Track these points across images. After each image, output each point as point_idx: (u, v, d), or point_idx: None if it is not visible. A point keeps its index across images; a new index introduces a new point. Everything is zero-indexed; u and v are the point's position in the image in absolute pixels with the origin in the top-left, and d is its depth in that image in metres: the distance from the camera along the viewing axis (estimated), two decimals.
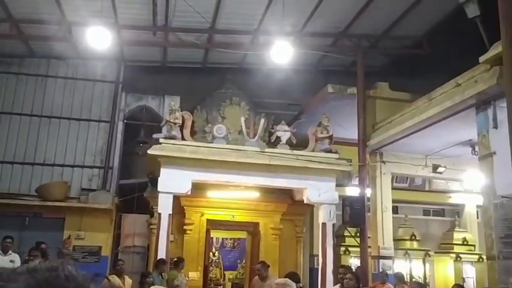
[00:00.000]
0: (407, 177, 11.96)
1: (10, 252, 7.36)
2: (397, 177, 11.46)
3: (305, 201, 9.67)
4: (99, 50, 9.11)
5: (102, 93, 11.78)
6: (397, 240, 11.33)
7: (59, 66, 11.72)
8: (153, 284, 6.78)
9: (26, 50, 11.24)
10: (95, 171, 11.25)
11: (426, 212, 13.65)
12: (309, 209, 11.19)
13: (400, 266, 10.77)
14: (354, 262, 11.19)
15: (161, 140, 9.14)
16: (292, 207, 11.08)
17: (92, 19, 8.76)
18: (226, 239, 15.61)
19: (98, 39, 8.44)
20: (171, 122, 9.33)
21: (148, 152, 9.02)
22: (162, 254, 8.43)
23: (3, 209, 10.11)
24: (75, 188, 10.98)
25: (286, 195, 11.08)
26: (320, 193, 9.39)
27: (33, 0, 9.22)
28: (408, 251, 11.48)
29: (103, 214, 10.64)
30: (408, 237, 11.86)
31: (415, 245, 11.87)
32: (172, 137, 9.22)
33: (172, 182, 8.92)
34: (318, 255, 9.78)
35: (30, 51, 11.30)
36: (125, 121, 11.93)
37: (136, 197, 11.27)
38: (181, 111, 9.58)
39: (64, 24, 9.81)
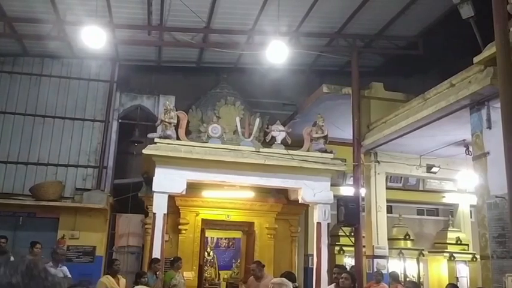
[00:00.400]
0: (401, 177, 12.02)
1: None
2: (391, 176, 11.51)
3: (300, 201, 9.68)
4: (94, 49, 9.07)
5: (96, 93, 11.72)
6: (391, 239, 11.39)
7: (53, 65, 11.65)
8: (147, 284, 6.76)
9: (20, 48, 11.18)
10: (89, 170, 11.20)
11: (420, 212, 13.72)
12: (304, 209, 11.23)
13: (394, 265, 10.81)
14: (348, 261, 11.23)
15: (156, 140, 9.12)
16: (287, 207, 11.10)
17: (86, 18, 8.73)
18: (221, 238, 15.61)
19: (93, 38, 8.40)
20: (166, 122, 9.30)
21: (143, 151, 8.99)
22: (157, 254, 8.42)
23: None
24: (70, 188, 10.93)
25: (281, 195, 11.10)
26: (315, 193, 9.41)
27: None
28: (402, 251, 11.53)
29: (97, 214, 10.60)
30: (402, 237, 11.92)
31: (409, 244, 11.93)
32: (167, 137, 9.20)
33: (167, 181, 8.90)
34: (312, 255, 9.80)
35: (24, 50, 11.24)
36: (120, 120, 11.89)
37: (131, 197, 11.23)
38: (176, 110, 9.56)
39: (58, 23, 9.76)
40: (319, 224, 9.38)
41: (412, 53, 10.77)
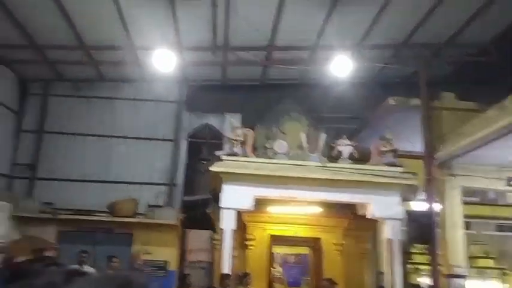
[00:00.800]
0: (479, 191, 11.31)
1: (86, 266, 7.74)
2: (467, 190, 10.87)
3: (369, 216, 9.42)
4: (163, 71, 9.52)
5: (166, 113, 12.28)
6: (469, 258, 10.69)
7: (126, 88, 12.37)
8: None
9: (96, 74, 11.97)
10: (161, 188, 11.69)
11: (501, 228, 12.79)
12: (374, 224, 10.89)
13: (474, 285, 10.14)
14: (422, 280, 10.70)
15: (223, 157, 9.32)
16: (355, 222, 10.82)
17: (156, 42, 9.20)
18: (289, 254, 15.50)
19: (163, 61, 8.85)
20: (232, 139, 9.51)
21: (211, 169, 9.21)
22: (225, 269, 8.53)
23: (78, 224, 10.74)
24: (143, 205, 11.43)
25: (348, 210, 10.84)
26: (384, 208, 9.12)
27: (104, 28, 9.83)
28: (482, 270, 10.80)
29: (169, 229, 10.96)
30: (482, 255, 11.17)
31: (490, 263, 11.15)
32: (234, 154, 9.37)
33: (234, 198, 9.03)
34: (385, 273, 9.45)
35: (100, 75, 12.02)
36: (189, 139, 12.32)
37: (200, 213, 11.51)
38: (242, 128, 9.74)
39: (131, 49, 10.37)
40: (390, 240, 9.06)
41: (483, 60, 10.23)
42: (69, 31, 9.75)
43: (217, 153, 9.76)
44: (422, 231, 9.05)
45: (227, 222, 8.96)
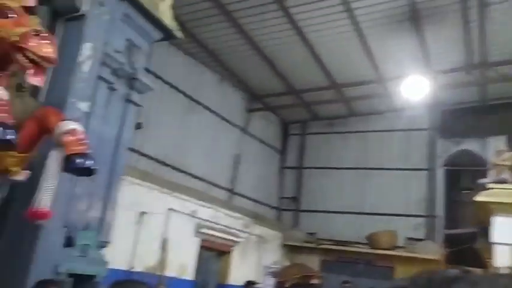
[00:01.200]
0: None
1: None
2: None
3: None
4: (414, 99, 9.27)
5: (418, 141, 11.92)
6: None
7: (375, 120, 12.57)
8: None
9: (347, 110, 12.58)
10: (419, 220, 11.21)
11: None
12: None
13: None
14: None
15: (489, 185, 8.30)
16: None
17: (405, 71, 9.08)
18: None
19: (413, 89, 8.66)
20: (498, 165, 8.42)
21: (476, 198, 8.31)
22: None
23: (339, 254, 11.25)
24: (401, 237, 11.13)
25: None
26: None
27: (352, 65, 10.29)
28: None
29: (431, 265, 10.28)
30: None
31: None
32: (503, 181, 8.25)
33: (510, 232, 7.86)
34: None
35: (351, 110, 12.56)
36: (445, 167, 11.54)
37: (467, 248, 10.45)
38: (510, 151, 8.52)
39: (380, 81, 10.53)
40: None
41: None
42: (322, 74, 10.60)
43: (481, 181, 8.77)
44: None
45: (503, 260, 7.82)
